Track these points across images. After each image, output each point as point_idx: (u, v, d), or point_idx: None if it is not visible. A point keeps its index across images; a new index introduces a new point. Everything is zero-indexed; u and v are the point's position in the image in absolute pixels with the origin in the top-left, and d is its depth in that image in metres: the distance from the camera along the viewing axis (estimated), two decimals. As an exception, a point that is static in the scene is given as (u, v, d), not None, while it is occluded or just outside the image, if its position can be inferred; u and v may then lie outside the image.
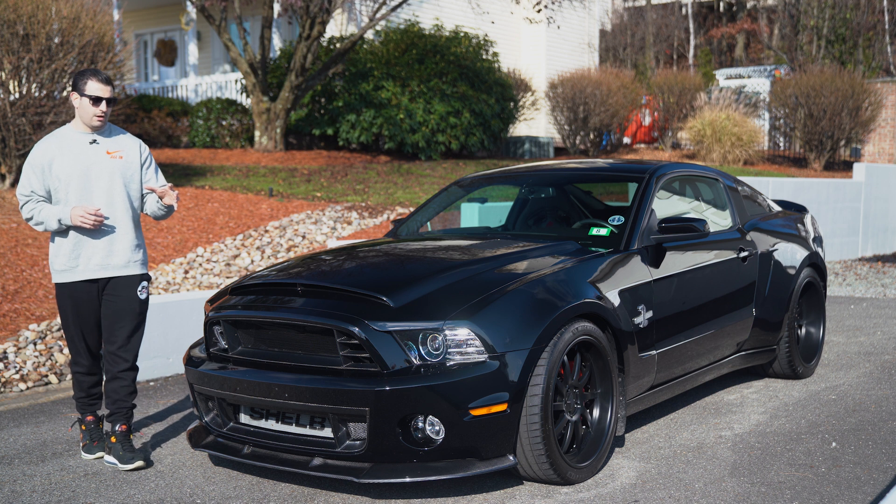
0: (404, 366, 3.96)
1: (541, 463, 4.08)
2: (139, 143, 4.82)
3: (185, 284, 8.71)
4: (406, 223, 6.09)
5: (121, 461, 4.61)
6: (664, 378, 5.04)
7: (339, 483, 4.33)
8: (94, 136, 4.66)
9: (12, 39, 10.86)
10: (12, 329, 7.11)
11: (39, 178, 4.58)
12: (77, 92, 4.57)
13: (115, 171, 4.66)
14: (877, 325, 8.38)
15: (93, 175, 4.60)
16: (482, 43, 18.60)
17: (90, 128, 4.64)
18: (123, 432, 4.69)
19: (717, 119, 18.36)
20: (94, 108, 4.56)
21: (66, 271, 4.62)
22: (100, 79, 4.56)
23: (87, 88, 4.55)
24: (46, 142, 4.63)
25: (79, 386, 4.79)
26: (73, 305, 4.64)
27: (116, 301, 4.69)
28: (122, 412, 4.72)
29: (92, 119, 4.59)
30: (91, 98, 4.54)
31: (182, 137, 17.94)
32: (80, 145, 4.62)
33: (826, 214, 13.12)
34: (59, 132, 4.68)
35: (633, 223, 5.13)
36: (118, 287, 4.69)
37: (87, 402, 4.82)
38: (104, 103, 4.58)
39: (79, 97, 4.57)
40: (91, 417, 4.82)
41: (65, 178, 4.56)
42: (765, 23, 33.23)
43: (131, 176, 4.72)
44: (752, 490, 4.18)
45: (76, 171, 4.58)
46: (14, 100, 11.09)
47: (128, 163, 4.71)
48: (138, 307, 4.75)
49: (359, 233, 11.07)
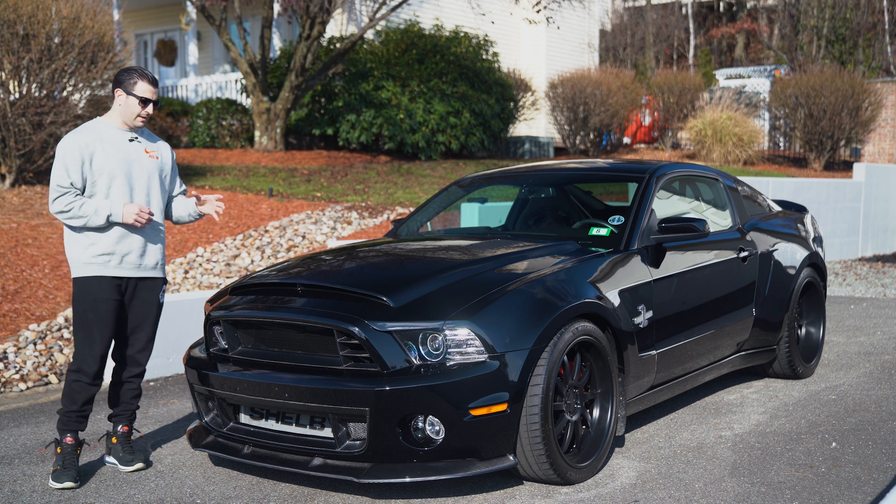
0: (404, 366, 3.96)
1: (541, 463, 4.08)
2: (169, 146, 4.81)
3: (185, 284, 8.71)
4: (406, 223, 6.09)
5: (121, 462, 4.60)
6: (664, 378, 5.04)
7: (339, 483, 4.33)
8: (134, 134, 4.59)
9: (12, 39, 10.86)
10: (12, 329, 7.11)
11: (78, 171, 4.39)
12: (123, 90, 4.48)
13: (154, 170, 4.61)
14: (877, 325, 8.38)
15: (134, 172, 4.53)
16: (482, 43, 18.60)
17: (129, 127, 4.57)
18: (125, 433, 4.66)
19: (719, 119, 18.36)
20: (140, 109, 4.51)
21: (95, 265, 4.44)
22: (149, 80, 4.52)
23: (136, 89, 4.48)
24: (84, 133, 4.47)
25: (72, 398, 4.47)
26: (96, 304, 4.44)
27: (142, 304, 4.62)
28: (126, 414, 4.69)
29: (136, 119, 4.53)
30: (140, 98, 4.49)
31: (182, 137, 17.94)
32: (120, 141, 4.52)
33: (826, 214, 13.12)
34: (92, 126, 4.54)
35: (633, 223, 5.13)
36: (145, 289, 4.61)
37: (75, 419, 4.48)
38: (151, 105, 4.54)
39: (125, 95, 4.49)
40: (71, 440, 4.45)
41: (108, 171, 4.44)
42: (765, 23, 33.23)
43: (165, 177, 4.69)
44: (752, 490, 4.18)
45: (120, 166, 4.47)
46: (14, 100, 11.09)
47: (163, 164, 4.68)
48: (158, 311, 4.71)
49: (359, 233, 11.07)
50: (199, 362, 4.58)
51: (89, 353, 4.45)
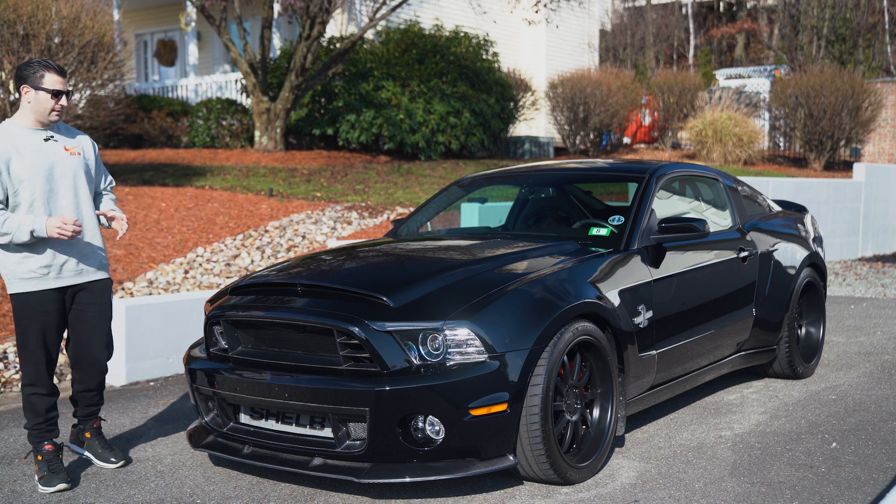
0: (404, 366, 3.96)
1: (541, 463, 4.08)
2: (88, 138, 4.52)
3: (185, 284, 8.71)
4: (406, 223, 6.09)
5: (100, 459, 4.59)
6: (664, 378, 5.04)
7: (339, 483, 4.34)
8: (49, 133, 4.30)
9: (12, 39, 10.86)
10: (12, 329, 7.11)
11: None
12: (30, 85, 4.18)
13: (78, 168, 4.33)
14: (877, 325, 8.38)
15: (57, 174, 4.25)
16: (482, 43, 18.60)
17: (43, 124, 4.28)
18: (97, 428, 4.65)
19: (719, 119, 18.36)
20: (52, 103, 4.21)
21: (34, 279, 4.22)
22: (56, 70, 4.22)
23: (44, 82, 4.18)
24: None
25: (34, 411, 4.33)
26: (39, 317, 4.25)
27: (90, 309, 4.42)
28: (95, 413, 4.66)
29: (50, 115, 4.23)
30: (50, 92, 4.19)
31: (182, 137, 17.95)
32: (35, 142, 4.22)
33: (826, 214, 13.12)
34: (4, 129, 4.22)
35: (633, 223, 5.13)
36: (93, 293, 4.42)
37: (45, 429, 4.36)
38: (64, 97, 4.24)
39: (34, 91, 4.19)
40: (50, 447, 4.34)
41: (28, 178, 4.16)
42: (765, 23, 33.23)
43: (90, 174, 4.43)
44: (752, 490, 4.18)
45: (40, 170, 4.19)
46: (14, 100, 11.09)
47: (86, 159, 4.42)
48: (110, 312, 4.56)
49: (359, 233, 11.07)
50: (199, 362, 4.58)
51: (39, 367, 4.31)
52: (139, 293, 8.28)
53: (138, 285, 8.45)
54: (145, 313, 6.55)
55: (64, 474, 4.32)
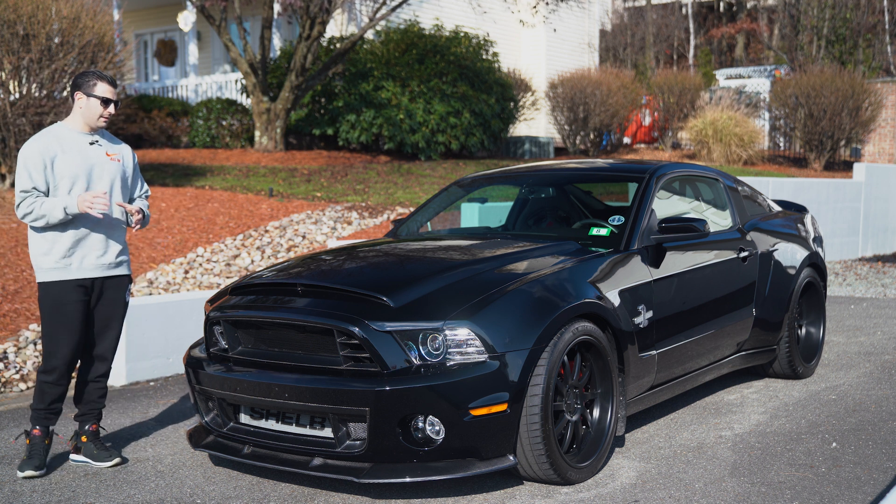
0: (404, 366, 3.96)
1: (541, 463, 4.08)
2: (129, 148, 4.87)
3: (185, 284, 8.71)
4: (406, 223, 6.09)
5: (96, 459, 4.67)
6: (664, 378, 5.04)
7: (339, 483, 4.33)
8: (95, 137, 4.66)
9: (12, 39, 10.86)
10: (12, 329, 7.11)
11: (41, 174, 4.48)
12: (83, 92, 4.57)
13: (116, 173, 4.68)
14: (877, 325, 8.38)
15: (95, 175, 4.60)
16: (482, 43, 18.60)
17: (91, 129, 4.65)
18: (94, 431, 4.75)
19: (719, 119, 18.36)
20: (101, 110, 4.59)
21: (57, 269, 4.52)
22: (108, 80, 4.61)
23: (96, 90, 4.56)
24: (45, 138, 4.54)
25: (41, 397, 4.58)
26: (60, 307, 4.53)
27: (108, 303, 4.68)
28: (94, 413, 4.77)
29: (98, 120, 4.61)
30: (100, 99, 4.57)
31: (182, 137, 17.94)
32: (81, 144, 4.60)
33: (826, 214, 13.12)
34: (54, 130, 4.61)
35: (633, 223, 5.13)
36: (109, 289, 4.68)
37: (44, 415, 4.60)
38: (112, 105, 4.61)
39: (85, 98, 4.57)
40: (38, 432, 4.59)
41: (69, 175, 4.52)
42: (765, 23, 33.23)
43: (126, 179, 4.76)
44: (752, 490, 4.18)
45: (81, 169, 4.55)
46: (14, 100, 11.09)
47: (125, 166, 4.75)
48: (124, 310, 4.78)
49: (359, 233, 11.07)
50: (200, 362, 4.58)
51: (56, 355, 4.54)
52: (139, 293, 8.28)
53: (138, 285, 8.45)
54: (145, 313, 6.55)
55: (38, 461, 4.52)
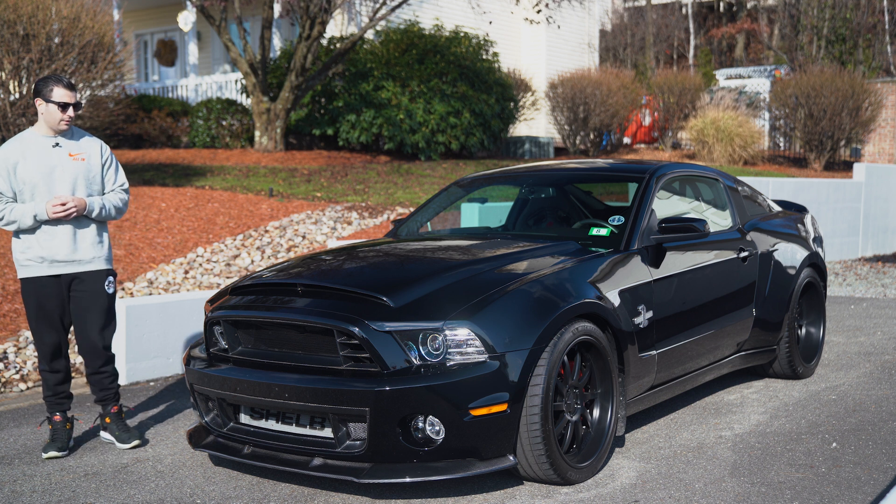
0: (404, 366, 3.96)
1: (541, 463, 4.08)
2: (101, 144, 5.02)
3: (185, 284, 8.71)
4: (406, 223, 6.09)
5: (119, 440, 4.97)
6: (664, 378, 5.04)
7: (339, 483, 4.34)
8: (57, 139, 4.84)
9: (12, 39, 10.86)
10: (12, 329, 7.11)
11: (6, 181, 4.74)
12: (42, 98, 4.76)
13: (79, 172, 4.85)
14: (877, 325, 8.38)
15: (56, 177, 4.79)
16: (482, 43, 18.60)
17: (55, 132, 4.84)
18: (116, 412, 5.02)
19: (719, 119, 18.36)
20: (60, 114, 4.77)
21: (31, 266, 4.79)
22: (64, 85, 4.78)
23: (53, 95, 4.74)
24: (10, 146, 4.79)
25: (45, 384, 4.92)
26: (37, 301, 4.80)
27: (84, 296, 4.88)
28: (111, 396, 5.03)
29: (59, 124, 4.79)
30: (58, 104, 4.75)
31: (182, 137, 17.94)
32: (43, 149, 4.80)
33: (826, 214, 13.12)
34: (22, 136, 4.84)
35: (633, 223, 5.13)
36: (85, 282, 4.88)
37: (55, 401, 4.91)
38: (70, 108, 4.79)
39: (45, 103, 4.76)
40: (58, 417, 4.90)
41: (29, 180, 4.74)
42: (765, 23, 33.23)
43: (93, 177, 4.92)
44: (752, 490, 4.18)
45: (40, 173, 4.76)
46: (14, 100, 11.09)
47: (90, 164, 4.91)
48: (105, 301, 4.95)
49: (359, 233, 11.07)
50: (199, 362, 4.58)
51: (42, 343, 4.86)
52: (139, 293, 8.27)
53: (138, 285, 8.45)
54: (145, 313, 6.55)
55: (60, 443, 4.83)
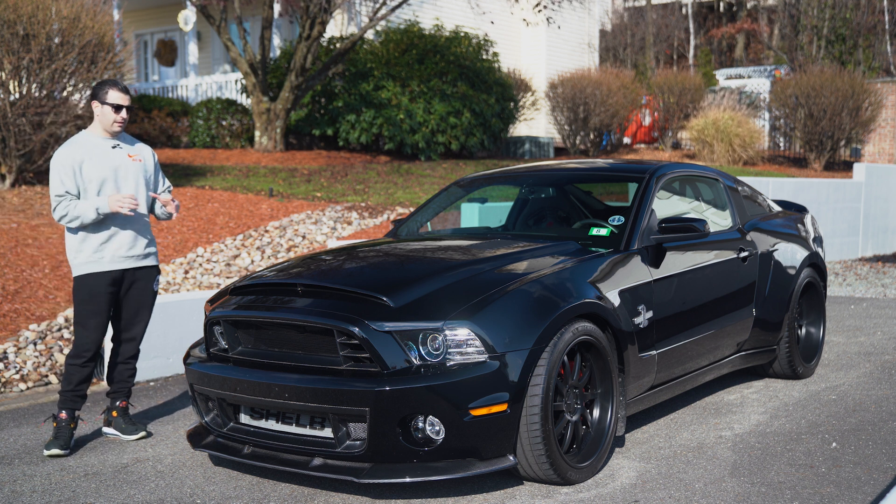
0: (404, 366, 3.96)
1: (541, 463, 4.08)
2: (150, 149, 5.30)
3: (185, 284, 8.71)
4: (406, 223, 6.09)
5: (124, 433, 5.13)
6: (664, 378, 5.04)
7: (339, 483, 4.34)
8: (116, 141, 5.07)
9: (12, 39, 10.85)
10: (12, 329, 7.11)
11: (72, 179, 4.91)
12: (98, 101, 4.99)
13: (139, 172, 5.12)
14: (877, 325, 8.38)
15: (120, 176, 5.03)
16: (482, 43, 18.59)
17: (110, 133, 5.05)
18: (123, 408, 5.19)
19: (719, 119, 18.36)
20: (115, 115, 4.99)
21: (91, 263, 4.95)
22: (119, 88, 5.01)
23: (108, 97, 4.97)
24: (72, 146, 4.96)
25: (69, 380, 4.98)
26: (92, 297, 4.94)
27: (138, 292, 5.12)
28: (124, 391, 5.21)
29: (113, 125, 5.01)
30: (113, 106, 4.97)
31: (182, 137, 17.93)
32: (104, 149, 5.01)
33: (826, 214, 13.12)
34: (79, 139, 5.02)
35: (633, 223, 5.13)
36: (139, 278, 5.11)
37: (71, 398, 4.97)
38: (124, 110, 5.01)
39: (100, 105, 4.99)
40: (64, 415, 4.96)
41: (96, 179, 4.94)
42: (765, 23, 33.23)
43: (148, 178, 5.20)
44: (752, 490, 4.18)
45: (107, 172, 4.97)
46: (14, 100, 11.09)
47: (146, 166, 5.19)
48: (152, 299, 5.22)
49: (359, 233, 11.07)
50: (200, 362, 4.58)
51: (85, 339, 4.97)
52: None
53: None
54: (145, 313, 6.55)
55: (63, 441, 4.88)
